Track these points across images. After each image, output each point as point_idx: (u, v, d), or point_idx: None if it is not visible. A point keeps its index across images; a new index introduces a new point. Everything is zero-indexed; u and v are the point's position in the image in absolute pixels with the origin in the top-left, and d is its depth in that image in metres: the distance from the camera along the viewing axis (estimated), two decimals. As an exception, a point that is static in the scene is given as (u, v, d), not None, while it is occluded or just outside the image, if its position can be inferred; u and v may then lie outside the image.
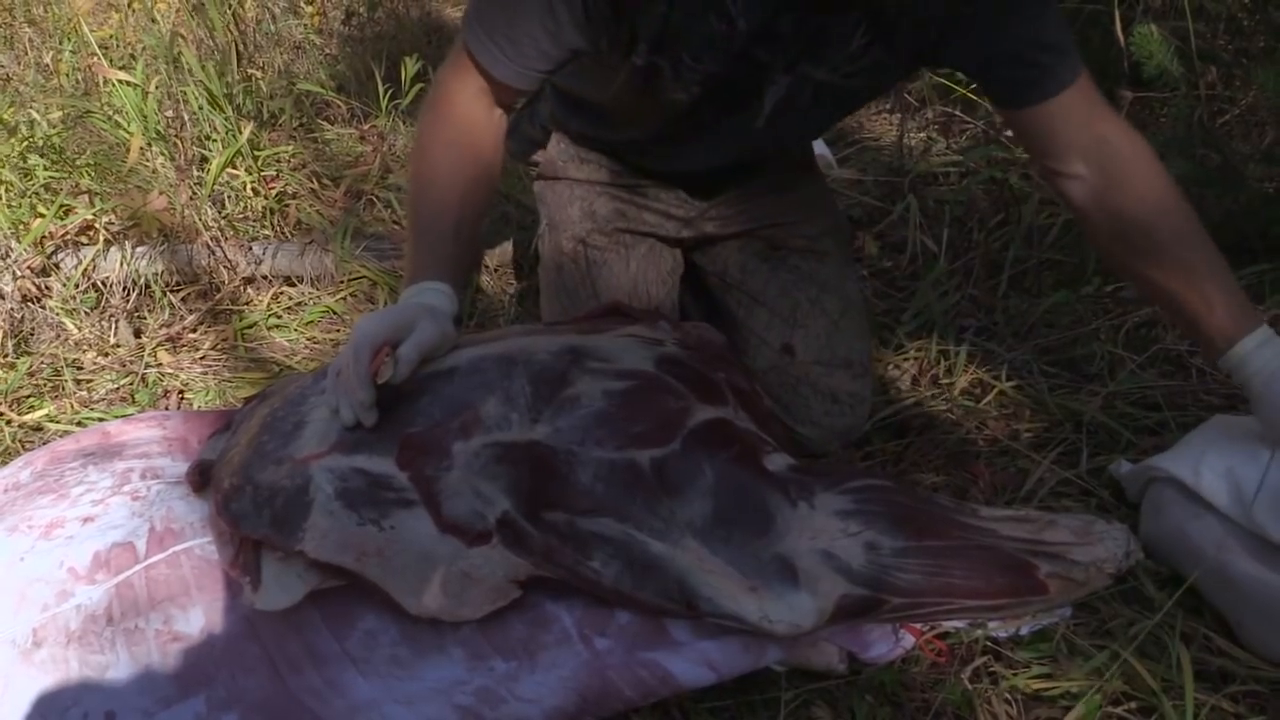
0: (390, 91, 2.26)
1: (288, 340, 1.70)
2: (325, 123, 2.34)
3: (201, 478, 1.07)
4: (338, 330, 1.71)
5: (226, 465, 1.04)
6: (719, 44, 1.12)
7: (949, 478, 1.30)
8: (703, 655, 0.98)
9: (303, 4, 3.00)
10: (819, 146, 2.00)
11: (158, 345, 1.67)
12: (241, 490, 0.99)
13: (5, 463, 1.37)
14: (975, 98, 2.08)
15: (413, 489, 0.98)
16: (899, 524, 1.06)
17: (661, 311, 1.32)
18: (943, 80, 2.13)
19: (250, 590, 0.95)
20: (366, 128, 2.34)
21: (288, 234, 1.93)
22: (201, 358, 1.66)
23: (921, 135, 2.10)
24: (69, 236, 1.86)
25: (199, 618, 0.98)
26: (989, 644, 1.04)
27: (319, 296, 1.78)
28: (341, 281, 1.79)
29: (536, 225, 1.52)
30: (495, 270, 1.80)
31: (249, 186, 1.96)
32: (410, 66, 2.24)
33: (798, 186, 1.44)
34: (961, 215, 1.78)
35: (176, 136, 2.01)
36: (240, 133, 1.97)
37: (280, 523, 0.96)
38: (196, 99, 2.07)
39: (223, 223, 1.88)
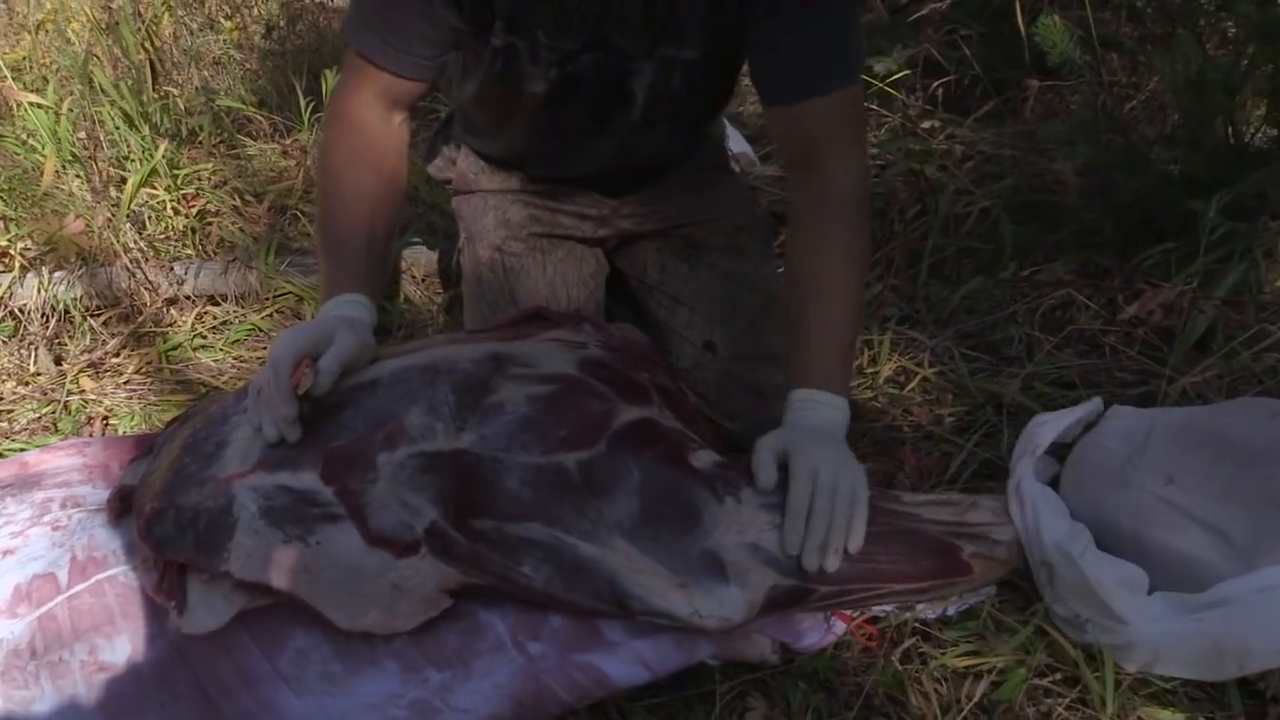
0: (312, 105, 2.24)
1: (214, 360, 1.68)
2: (247, 138, 2.31)
3: (122, 504, 1.05)
4: (264, 348, 1.70)
5: (148, 489, 1.03)
6: (572, 20, 1.15)
7: (876, 464, 1.32)
8: (636, 654, 0.99)
9: (221, 19, 2.96)
10: (740, 144, 2.02)
11: (79, 372, 1.64)
12: (163, 514, 0.98)
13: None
14: (892, 91, 2.12)
15: (338, 503, 0.98)
16: None
17: (584, 314, 1.33)
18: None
19: (176, 615, 0.95)
20: (289, 142, 2.31)
21: (210, 253, 1.91)
22: (126, 382, 1.63)
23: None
24: (-17, 264, 1.82)
25: (125, 646, 0.96)
26: (918, 626, 1.07)
27: (244, 315, 1.76)
28: (267, 298, 1.77)
29: (458, 240, 1.53)
30: (423, 280, 1.79)
31: (169, 206, 1.94)
32: (332, 79, 2.22)
33: (713, 184, 1.47)
34: (881, 207, 1.82)
35: (91, 158, 1.98)
36: (156, 151, 1.94)
37: (204, 545, 0.96)
38: (112, 119, 2.04)
39: (143, 244, 1.85)
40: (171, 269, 1.78)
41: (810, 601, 1.03)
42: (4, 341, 1.68)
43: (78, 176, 1.92)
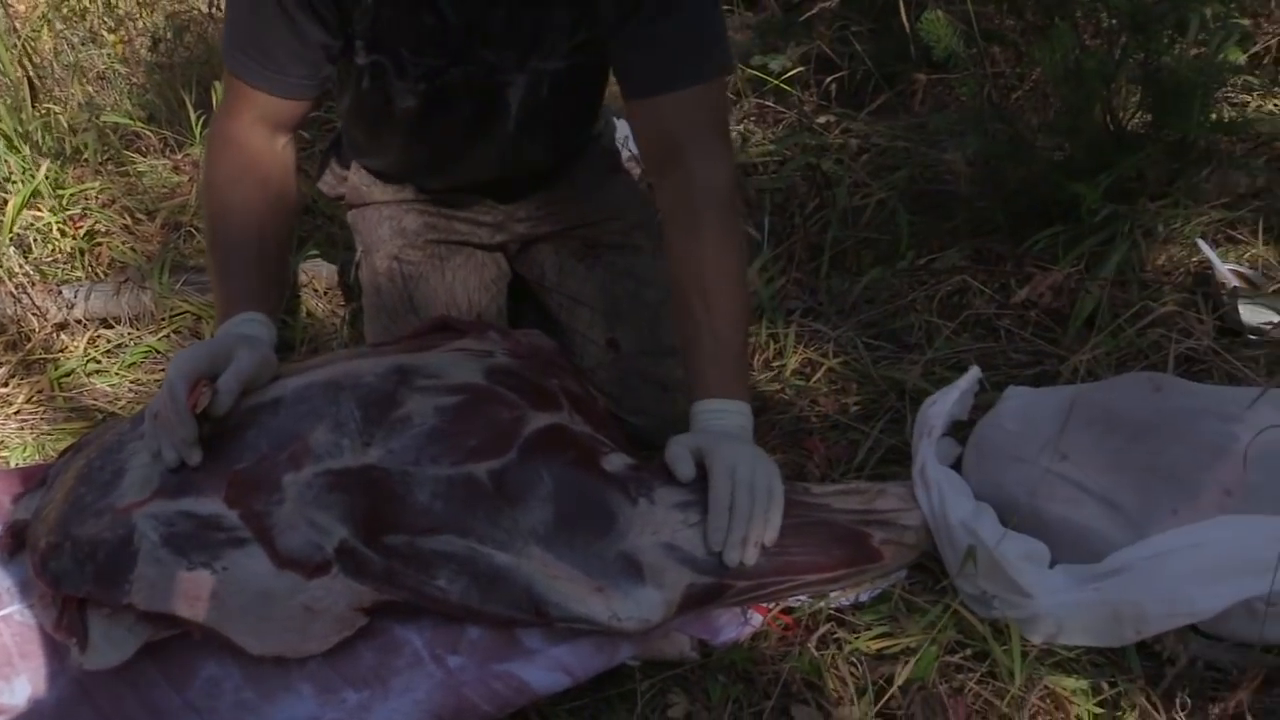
0: (203, 118, 2.18)
1: (109, 385, 1.63)
2: (136, 155, 2.24)
3: (15, 540, 1.02)
4: (162, 370, 1.65)
5: (42, 523, 0.99)
6: (435, 38, 1.16)
7: (786, 455, 1.34)
8: (556, 661, 0.99)
9: (104, 33, 2.86)
10: (635, 147, 2.03)
11: (-34, 403, 1.57)
12: (60, 548, 0.95)
13: None
14: (788, 88, 2.15)
15: (244, 527, 0.96)
16: None
17: (488, 320, 1.32)
18: (755, 73, 2.19)
19: (78, 652, 0.92)
20: (180, 157, 2.25)
21: (101, 274, 1.85)
22: (16, 412, 1.57)
23: (739, 127, 2.15)
24: None
25: (24, 687, 0.93)
26: (832, 613, 1.09)
27: (140, 336, 1.71)
28: (163, 319, 1.73)
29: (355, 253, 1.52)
30: (325, 294, 1.76)
31: (54, 228, 1.87)
32: (223, 92, 2.17)
33: (605, 185, 1.48)
34: (781, 202, 1.84)
35: (-32, 181, 1.90)
36: (38, 171, 1.88)
37: (104, 577, 0.93)
38: (-11, 140, 1.96)
39: (29, 268, 1.79)
40: (60, 293, 1.72)
41: (727, 597, 1.04)
42: (-118, 376, 1.61)
43: (-45, 201, 1.85)
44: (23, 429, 1.53)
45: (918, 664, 1.02)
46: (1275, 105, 2.00)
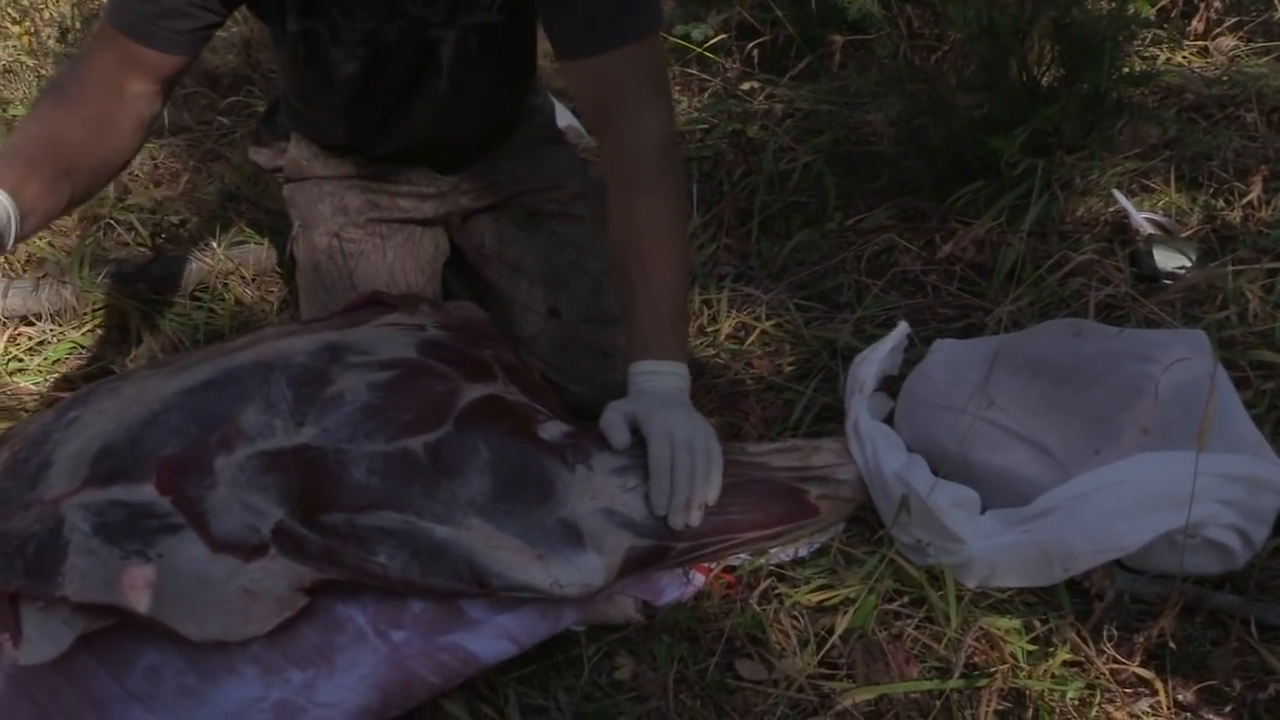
0: (116, 108, 2.12)
1: (33, 383, 1.59)
2: (48, 148, 2.18)
3: None
4: (88, 365, 1.62)
5: None
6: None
7: (723, 418, 1.36)
8: (501, 629, 0.99)
9: (8, 23, 2.77)
10: (567, 117, 2.02)
11: (-122, 408, 1.52)
12: None
13: None
14: (711, 56, 2.16)
15: (177, 513, 0.95)
16: None
17: (420, 295, 1.31)
18: (680, 42, 2.19)
19: (11, 646, 0.90)
20: (95, 149, 2.20)
21: (18, 270, 1.80)
22: (-64, 415, 1.53)
23: (666, 97, 2.16)
24: None
25: (-42, 685, 0.91)
26: (772, 569, 1.11)
27: (63, 332, 1.67)
28: (86, 313, 1.69)
29: (290, 231, 1.49)
30: (253, 280, 1.74)
31: (-34, 226, 1.81)
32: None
33: (546, 155, 1.47)
34: (709, 169, 1.86)
35: (-128, 181, 1.83)
36: (-53, 169, 1.82)
37: (35, 571, 0.91)
38: (-109, 138, 1.90)
39: (-59, 268, 1.74)
40: (-24, 292, 1.67)
41: (668, 559, 1.06)
42: None
43: None
44: (-56, 432, 1.49)
45: (857, 613, 1.05)
46: (1183, 57, 2.05)
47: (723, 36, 2.17)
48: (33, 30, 2.73)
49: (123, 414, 1.01)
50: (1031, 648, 1.02)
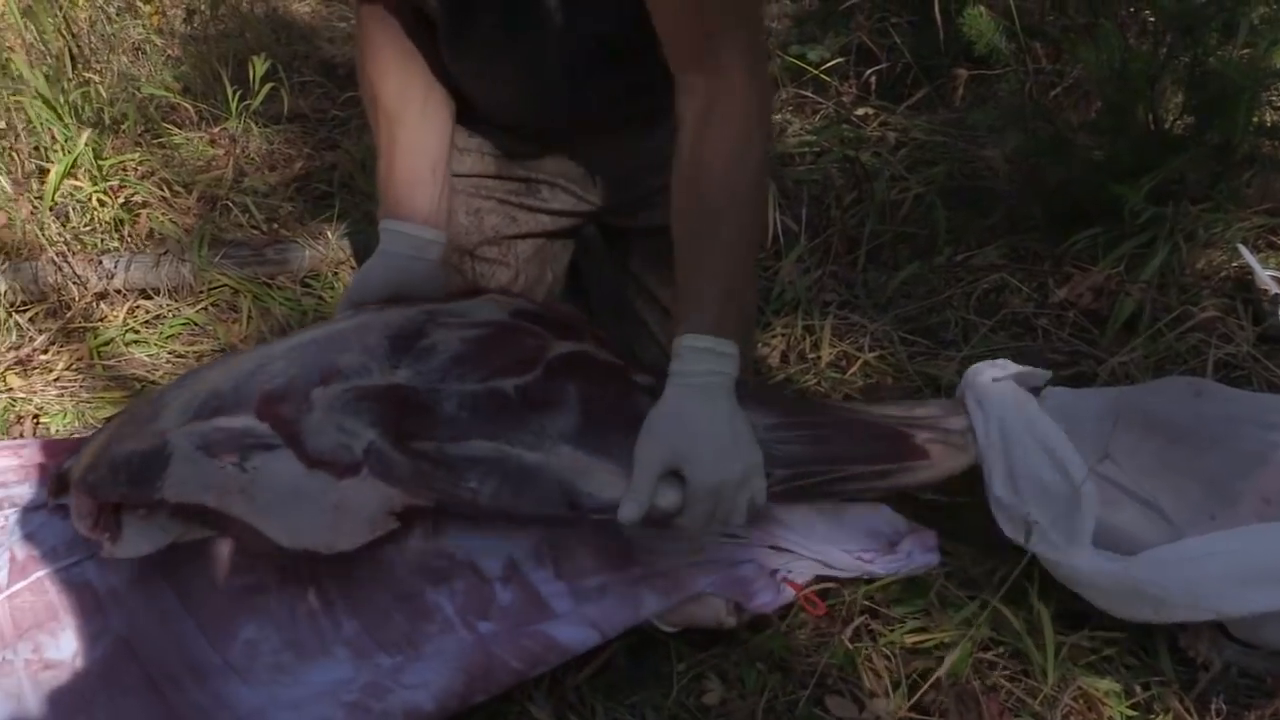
0: (239, 93, 2.19)
1: (148, 355, 1.64)
2: (173, 127, 2.25)
3: (59, 483, 1.03)
4: (200, 342, 1.66)
5: (85, 457, 1.01)
6: None
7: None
8: (584, 617, 1.00)
9: (140, 3, 2.87)
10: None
11: (6, 369, 1.59)
12: (97, 466, 0.97)
13: None
14: (826, 79, 2.15)
15: (274, 434, 0.98)
16: (769, 406, 1.09)
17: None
18: (795, 62, 2.19)
19: (109, 544, 0.93)
20: (217, 131, 2.26)
21: (140, 245, 1.86)
22: (56, 379, 1.59)
23: (776, 118, 2.15)
24: (-101, 260, 1.75)
25: (71, 642, 0.95)
26: (866, 604, 1.09)
27: (178, 308, 1.72)
28: (201, 291, 1.74)
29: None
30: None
31: (94, 197, 1.88)
32: (259, 66, 2.18)
33: None
34: (818, 194, 1.84)
35: (12, 149, 1.91)
36: (79, 140, 1.89)
37: (137, 480, 0.95)
38: (32, 108, 1.97)
39: (68, 237, 1.80)
40: (100, 263, 1.73)
41: (771, 484, 1.02)
42: (-76, 339, 1.63)
43: (-4, 167, 1.86)
44: (62, 396, 1.55)
45: (952, 660, 1.03)
46: (1320, 111, 1.99)
47: (839, 60, 2.16)
48: (161, 11, 2.82)
49: (231, 368, 1.06)
50: (1132, 713, 0.99)
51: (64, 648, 0.95)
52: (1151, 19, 1.71)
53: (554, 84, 1.21)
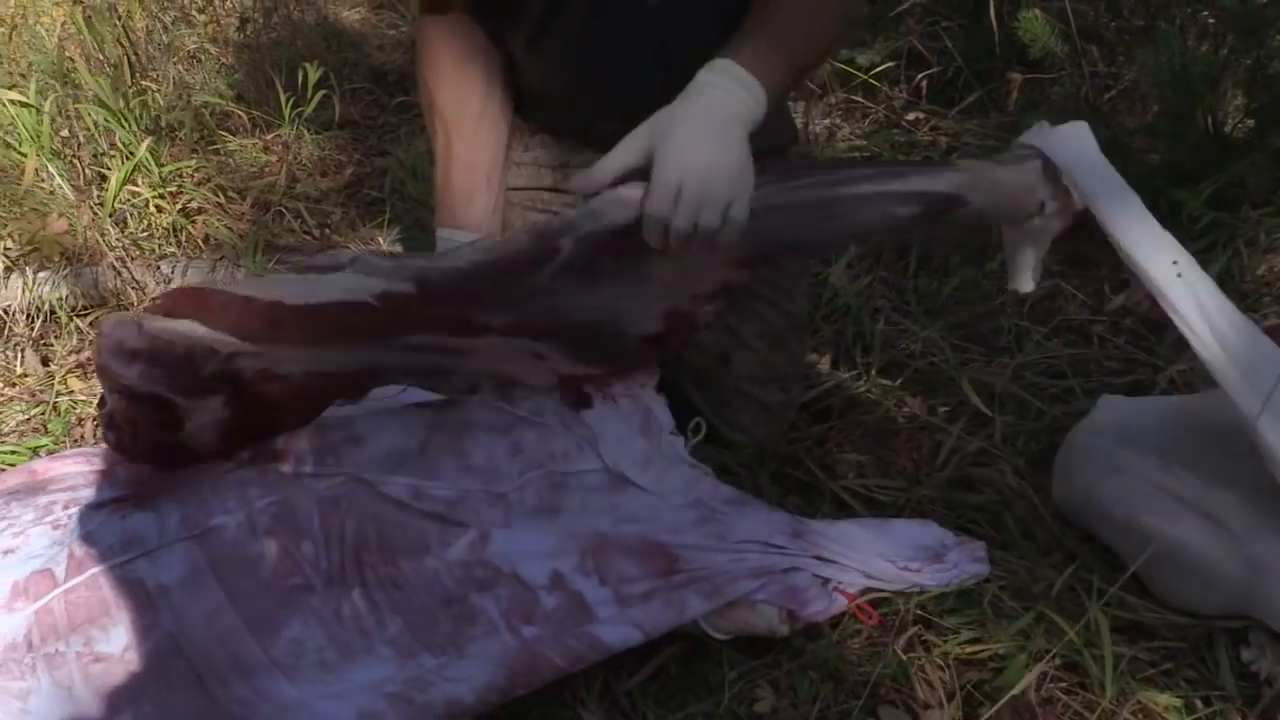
0: (292, 100, 2.22)
1: (203, 358, 1.66)
2: (227, 134, 2.29)
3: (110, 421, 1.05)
4: (254, 345, 1.69)
5: None
6: None
7: (872, 456, 1.33)
8: (628, 619, 1.01)
9: (195, 12, 2.92)
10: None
11: (68, 372, 1.62)
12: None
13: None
14: (876, 83, 2.13)
15: None
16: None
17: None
18: (844, 67, 2.17)
19: None
20: (270, 138, 2.30)
21: (196, 250, 1.89)
22: (113, 382, 1.61)
23: (825, 122, 2.14)
24: (-35, 265, 1.79)
25: (121, 637, 0.97)
26: (919, 614, 1.08)
27: (232, 312, 1.74)
28: (255, 296, 1.76)
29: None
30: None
31: (151, 203, 1.92)
32: (312, 73, 2.21)
33: None
34: (869, 199, 1.82)
35: (74, 156, 1.95)
36: (139, 147, 1.92)
37: None
38: (92, 115, 2.01)
39: (127, 242, 1.84)
40: (158, 268, 1.76)
41: (758, 186, 0.97)
42: (-13, 342, 1.67)
43: (59, 174, 1.90)
44: (120, 398, 1.57)
45: (1007, 672, 1.01)
46: (1385, 114, 1.93)
47: (890, 64, 2.14)
48: (215, 20, 2.87)
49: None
50: (1193, 728, 0.97)
51: (114, 642, 0.97)
52: (1211, 20, 1.68)
53: (644, 67, 1.18)
